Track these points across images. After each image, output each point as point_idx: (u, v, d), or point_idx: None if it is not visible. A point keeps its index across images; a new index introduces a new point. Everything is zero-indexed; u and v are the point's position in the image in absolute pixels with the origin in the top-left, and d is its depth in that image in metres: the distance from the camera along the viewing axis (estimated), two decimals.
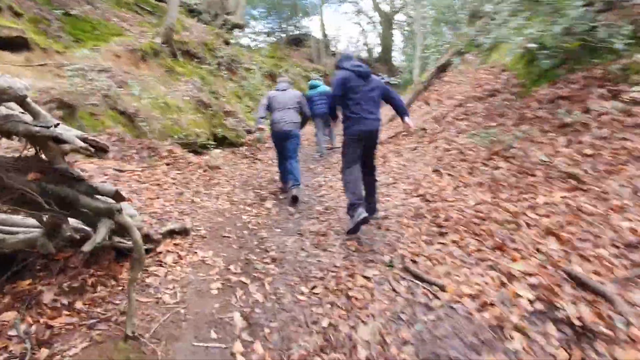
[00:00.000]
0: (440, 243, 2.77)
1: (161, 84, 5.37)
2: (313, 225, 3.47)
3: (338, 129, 5.92)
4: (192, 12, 12.59)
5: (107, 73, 4.42)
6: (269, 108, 4.39)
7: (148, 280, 2.05)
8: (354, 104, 3.11)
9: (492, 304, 1.97)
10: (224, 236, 2.94)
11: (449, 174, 4.21)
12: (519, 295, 2.00)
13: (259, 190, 4.57)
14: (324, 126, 7.07)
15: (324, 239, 3.11)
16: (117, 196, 1.55)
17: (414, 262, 2.55)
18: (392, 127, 8.13)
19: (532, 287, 2.07)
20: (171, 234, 2.54)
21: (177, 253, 2.40)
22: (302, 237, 3.18)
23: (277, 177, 5.33)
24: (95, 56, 4.78)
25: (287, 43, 21.55)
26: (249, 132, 6.86)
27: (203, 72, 7.42)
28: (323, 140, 7.10)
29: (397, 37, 24.74)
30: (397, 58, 25.33)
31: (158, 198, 3.09)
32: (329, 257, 2.75)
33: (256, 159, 6.24)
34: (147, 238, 2.27)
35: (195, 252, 2.50)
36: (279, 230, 3.36)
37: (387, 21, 23.01)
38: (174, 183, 3.69)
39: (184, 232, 2.63)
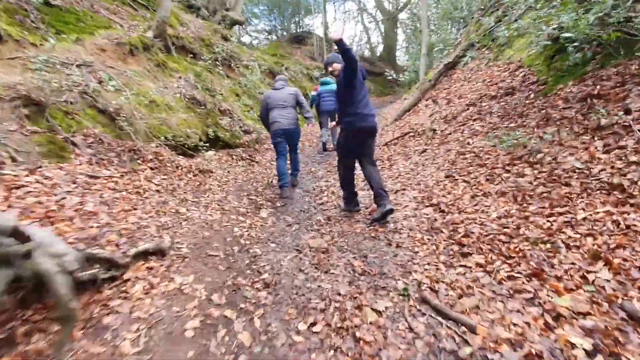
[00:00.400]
0: (463, 266, 2.36)
1: (150, 81, 4.97)
2: (313, 239, 3.06)
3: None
4: (190, 7, 12.21)
5: (88, 67, 4.01)
6: (267, 107, 4.37)
7: (106, 320, 1.64)
8: (359, 100, 3.21)
9: (539, 356, 1.55)
10: (210, 255, 2.53)
11: (465, 181, 3.79)
12: (572, 344, 1.59)
13: (254, 197, 4.16)
14: (329, 123, 6.80)
15: (325, 257, 2.70)
16: (17, 234, 1.14)
17: (434, 290, 2.14)
18: (399, 128, 7.71)
19: (587, 331, 1.65)
20: (144, 255, 2.13)
21: (149, 280, 1.99)
22: (301, 255, 2.77)
23: (275, 182, 4.94)
24: (77, 49, 4.39)
25: (289, 41, 21.19)
26: (246, 132, 6.45)
27: (198, 68, 7.01)
28: (327, 137, 6.85)
29: (400, 36, 24.35)
30: (400, 57, 24.97)
31: (134, 209, 2.68)
32: (331, 282, 2.34)
33: (253, 161, 5.84)
34: (110, 263, 1.86)
35: (172, 278, 2.09)
36: (274, 245, 2.95)
37: (391, 20, 22.59)
38: (157, 190, 3.28)
39: (159, 253, 2.22)
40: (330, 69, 3.47)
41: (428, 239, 2.84)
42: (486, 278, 2.17)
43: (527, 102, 4.43)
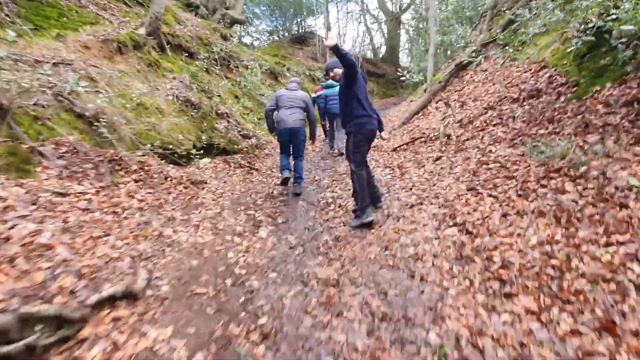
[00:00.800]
0: (509, 312, 1.90)
1: (139, 81, 4.54)
2: (320, 267, 2.61)
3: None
4: (189, 6, 11.83)
5: (67, 66, 3.58)
6: (276, 107, 4.37)
7: None
8: (364, 102, 3.21)
9: None
10: (197, 293, 2.09)
11: (492, 195, 3.33)
12: None
13: (253, 212, 3.72)
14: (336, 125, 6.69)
15: (336, 292, 2.25)
16: None
17: (478, 348, 1.69)
18: (407, 132, 7.27)
19: None
20: (110, 301, 1.69)
21: (112, 339, 1.54)
22: (306, 289, 2.33)
23: (275, 192, 4.50)
24: (57, 46, 3.96)
25: (290, 41, 20.78)
26: (245, 137, 6.01)
27: (195, 68, 6.58)
28: (338, 138, 6.53)
29: (403, 37, 24.00)
30: (402, 59, 24.56)
31: (107, 235, 2.24)
32: (344, 329, 1.89)
33: (253, 168, 5.39)
34: (59, 320, 1.42)
35: (144, 333, 1.64)
36: (274, 275, 2.50)
37: (394, 20, 22.20)
38: (140, 208, 2.84)
39: (131, 296, 1.77)
40: (331, 74, 3.57)
41: (458, 270, 2.39)
42: (543, 332, 1.72)
43: (557, 105, 3.98)
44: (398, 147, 6.36)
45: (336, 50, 2.82)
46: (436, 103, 7.69)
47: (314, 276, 2.47)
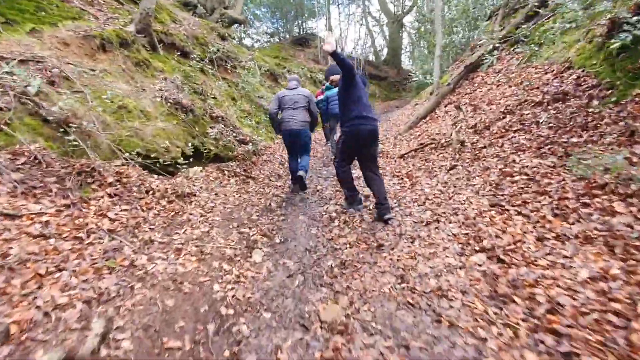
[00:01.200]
0: None
1: (124, 82, 4.11)
2: (324, 304, 2.17)
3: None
4: (186, 5, 11.47)
5: (38, 64, 3.17)
6: (279, 107, 4.38)
7: None
8: (359, 103, 3.20)
9: None
10: (168, 348, 1.64)
11: (521, 213, 2.89)
12: None
13: (247, 229, 3.27)
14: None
15: (344, 342, 1.80)
16: None
17: None
18: (414, 137, 6.84)
19: None
20: None
21: None
22: (307, 336, 1.88)
23: (273, 205, 4.07)
24: (32, 42, 3.55)
25: (291, 43, 20.44)
26: (242, 142, 5.58)
27: (189, 68, 6.17)
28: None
29: (404, 40, 23.68)
30: (404, 61, 24.19)
31: (60, 271, 1.80)
32: None
33: (249, 177, 4.96)
34: None
35: None
36: (268, 316, 2.06)
37: (396, 22, 21.87)
38: (110, 230, 2.40)
39: None
40: (330, 79, 3.83)
41: (495, 313, 1.94)
42: None
43: (589, 110, 3.54)
44: (406, 153, 5.93)
45: (334, 55, 2.96)
46: (445, 106, 7.27)
47: (316, 317, 2.03)
